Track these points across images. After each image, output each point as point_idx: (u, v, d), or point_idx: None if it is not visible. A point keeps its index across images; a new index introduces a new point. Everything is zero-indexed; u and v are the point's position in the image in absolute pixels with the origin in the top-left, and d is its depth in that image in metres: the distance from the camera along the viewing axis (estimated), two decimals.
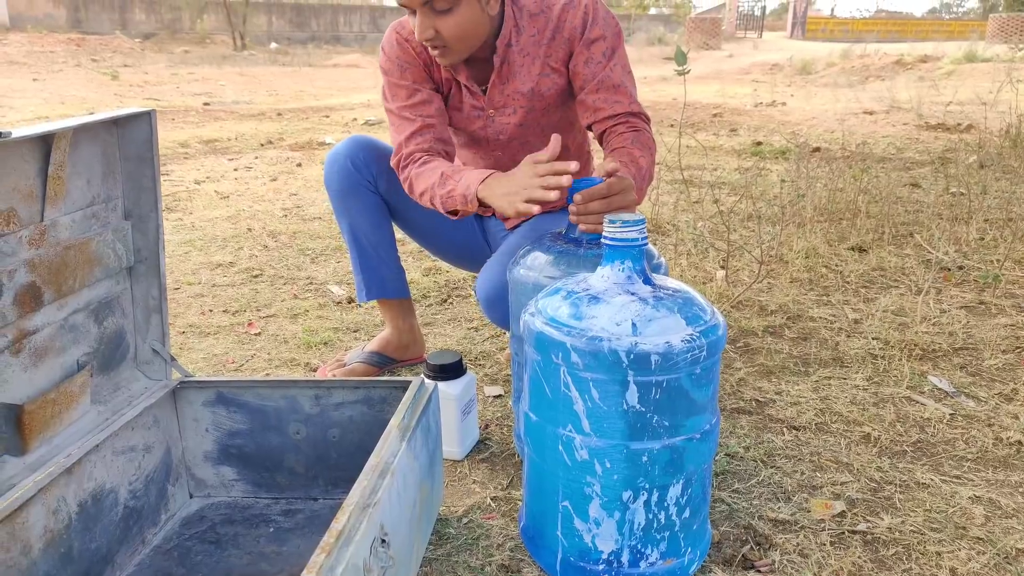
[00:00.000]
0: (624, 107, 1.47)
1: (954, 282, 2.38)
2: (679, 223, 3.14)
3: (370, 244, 1.71)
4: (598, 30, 1.47)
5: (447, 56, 1.43)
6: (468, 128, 1.61)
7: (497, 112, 1.56)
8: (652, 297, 1.02)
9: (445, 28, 1.37)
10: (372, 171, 1.66)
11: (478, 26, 1.41)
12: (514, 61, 1.50)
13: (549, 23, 1.49)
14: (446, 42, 1.39)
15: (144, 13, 23.39)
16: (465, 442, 1.46)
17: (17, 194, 0.96)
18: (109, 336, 1.18)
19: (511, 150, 1.62)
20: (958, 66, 12.21)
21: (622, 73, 1.48)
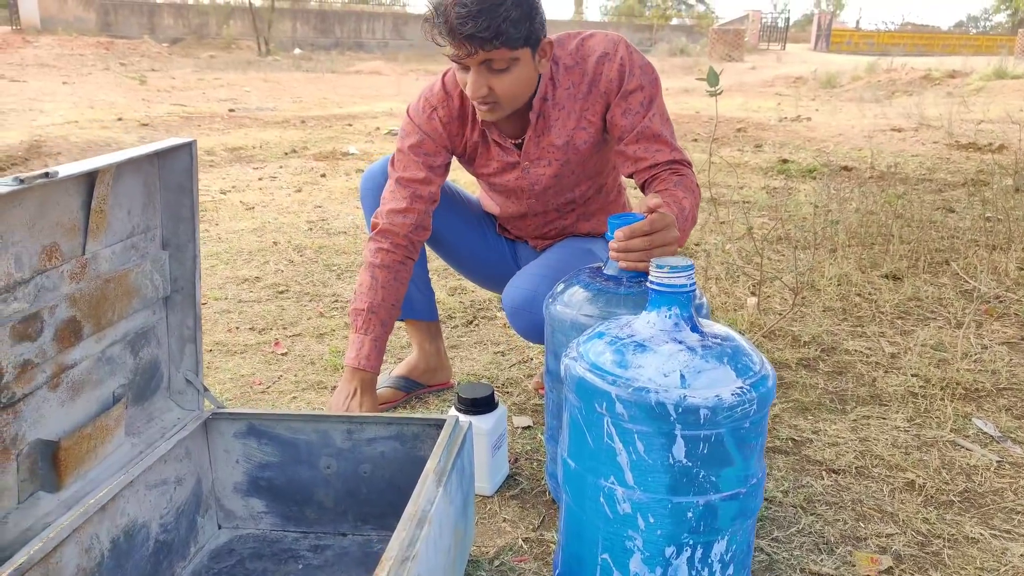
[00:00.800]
0: (666, 155, 1.45)
1: (995, 316, 2.33)
2: (707, 245, 3.11)
3: None
4: (635, 81, 1.45)
5: (495, 112, 1.42)
6: (500, 181, 1.60)
7: (532, 164, 1.55)
8: (700, 346, 0.99)
9: (499, 86, 1.36)
10: None
11: (530, 84, 1.41)
12: (550, 115, 1.49)
13: (585, 76, 1.47)
14: (498, 99, 1.38)
15: (172, 18, 23.66)
16: (495, 477, 1.44)
17: (60, 229, 0.95)
18: (144, 367, 1.17)
19: (545, 198, 1.61)
20: (988, 82, 12.07)
21: (661, 122, 1.46)
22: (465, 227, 1.74)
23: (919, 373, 1.92)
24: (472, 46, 1.29)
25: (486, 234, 1.77)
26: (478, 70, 1.34)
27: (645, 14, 35.02)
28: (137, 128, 6.66)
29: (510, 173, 1.57)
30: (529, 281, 1.48)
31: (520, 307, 1.48)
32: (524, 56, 1.36)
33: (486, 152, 1.57)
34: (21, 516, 0.94)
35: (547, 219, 1.68)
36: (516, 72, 1.36)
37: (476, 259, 1.78)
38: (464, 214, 1.75)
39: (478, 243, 1.76)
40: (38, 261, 0.91)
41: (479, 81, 1.35)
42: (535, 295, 1.46)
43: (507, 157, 1.55)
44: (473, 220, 1.76)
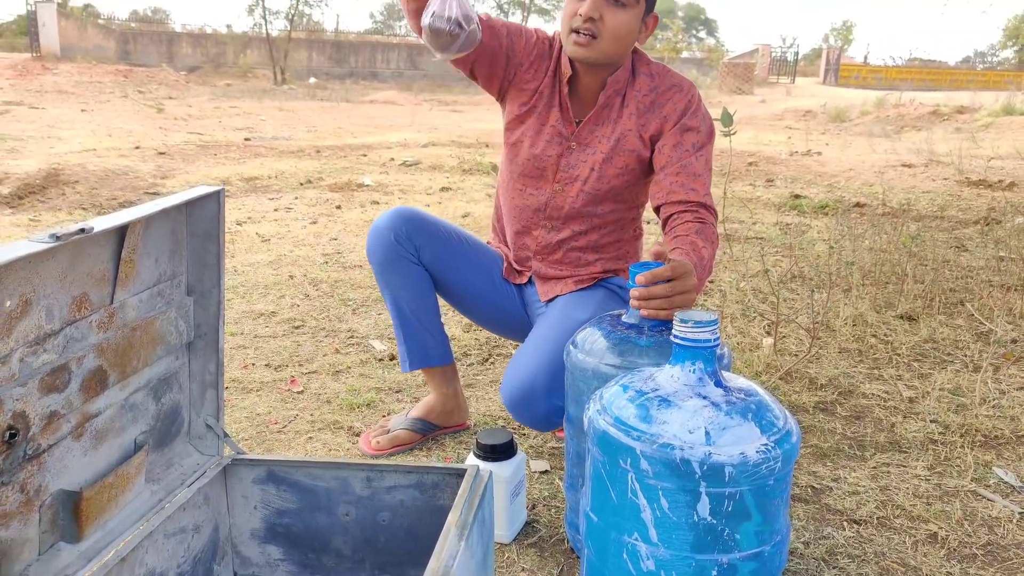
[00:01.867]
0: (698, 196, 1.47)
1: (1012, 360, 2.31)
2: (722, 283, 3.11)
3: (413, 314, 1.69)
4: (696, 122, 1.52)
5: (591, 48, 1.47)
6: (543, 152, 1.60)
7: (580, 147, 1.58)
8: (725, 402, 0.99)
9: (611, 20, 1.44)
10: (415, 243, 1.64)
11: (629, 40, 1.48)
12: (614, 106, 1.55)
13: (655, 91, 1.55)
14: (601, 32, 1.45)
15: (190, 47, 24.03)
16: (513, 525, 1.43)
17: (91, 279, 0.96)
18: (166, 412, 1.17)
19: (570, 191, 1.61)
20: (996, 118, 12.10)
21: (704, 167, 1.51)
22: (473, 273, 1.73)
23: (938, 419, 1.90)
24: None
25: (494, 280, 1.76)
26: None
27: (656, 47, 35.36)
28: (154, 156, 6.74)
29: (554, 147, 1.59)
30: (524, 375, 1.46)
31: (519, 403, 1.48)
32: (639, 7, 1.46)
33: (545, 113, 1.60)
34: (42, 568, 0.93)
35: (559, 233, 1.66)
36: (627, 16, 1.45)
37: (485, 304, 1.76)
38: (472, 260, 1.73)
39: (486, 288, 1.74)
40: (68, 312, 0.92)
41: (595, 4, 1.43)
42: (533, 390, 1.45)
43: (562, 127, 1.59)
44: (481, 266, 1.74)
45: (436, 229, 1.68)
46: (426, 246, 1.65)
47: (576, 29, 1.45)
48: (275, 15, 24.02)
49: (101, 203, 4.67)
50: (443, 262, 1.66)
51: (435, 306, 1.72)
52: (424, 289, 1.67)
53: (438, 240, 1.67)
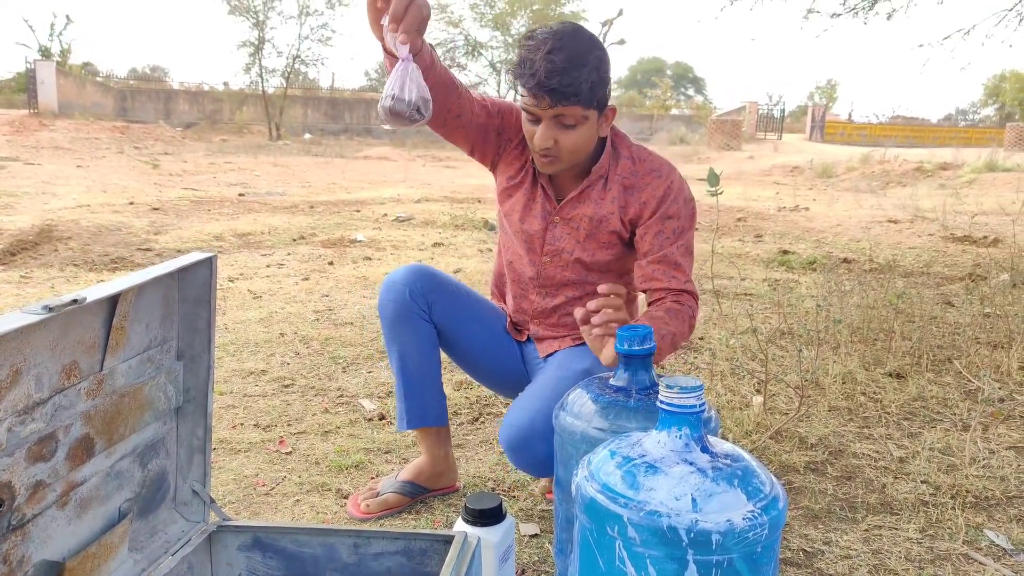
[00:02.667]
0: (679, 284, 1.51)
1: (1000, 419, 2.32)
2: (712, 340, 3.12)
3: (416, 372, 1.70)
4: (676, 208, 1.54)
5: (554, 165, 1.51)
6: (530, 227, 1.65)
7: (563, 222, 1.62)
8: (711, 468, 0.99)
9: (565, 141, 1.46)
10: (427, 300, 1.68)
11: (590, 144, 1.51)
12: (597, 187, 1.58)
13: (635, 175, 1.57)
14: (560, 153, 1.48)
15: (187, 104, 24.37)
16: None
17: (81, 347, 0.96)
18: (152, 479, 1.17)
19: (558, 263, 1.65)
20: (979, 175, 12.33)
21: (683, 254, 1.54)
22: (479, 329, 1.76)
23: (928, 479, 1.90)
24: (552, 99, 1.40)
25: (498, 335, 1.79)
26: (548, 123, 1.45)
27: (646, 104, 36.08)
28: (148, 212, 6.79)
29: (539, 221, 1.63)
30: (524, 419, 1.48)
31: (518, 448, 1.49)
32: (592, 117, 1.47)
33: (531, 190, 1.64)
34: None
35: (553, 299, 1.69)
36: (582, 130, 1.47)
37: (487, 360, 1.79)
38: (479, 316, 1.77)
39: (490, 345, 1.78)
40: (57, 380, 0.93)
41: (547, 133, 1.45)
42: (532, 433, 1.46)
43: (545, 203, 1.63)
44: (487, 322, 1.78)
45: (447, 286, 1.73)
46: (438, 303, 1.69)
47: (537, 151, 1.50)
48: (271, 73, 24.50)
49: (93, 259, 4.68)
50: (453, 318, 1.70)
51: (438, 365, 1.74)
52: (430, 348, 1.70)
53: (449, 296, 1.71)
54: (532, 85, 1.41)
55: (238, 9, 23.83)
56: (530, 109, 1.46)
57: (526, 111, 1.48)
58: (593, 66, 1.42)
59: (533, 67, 1.40)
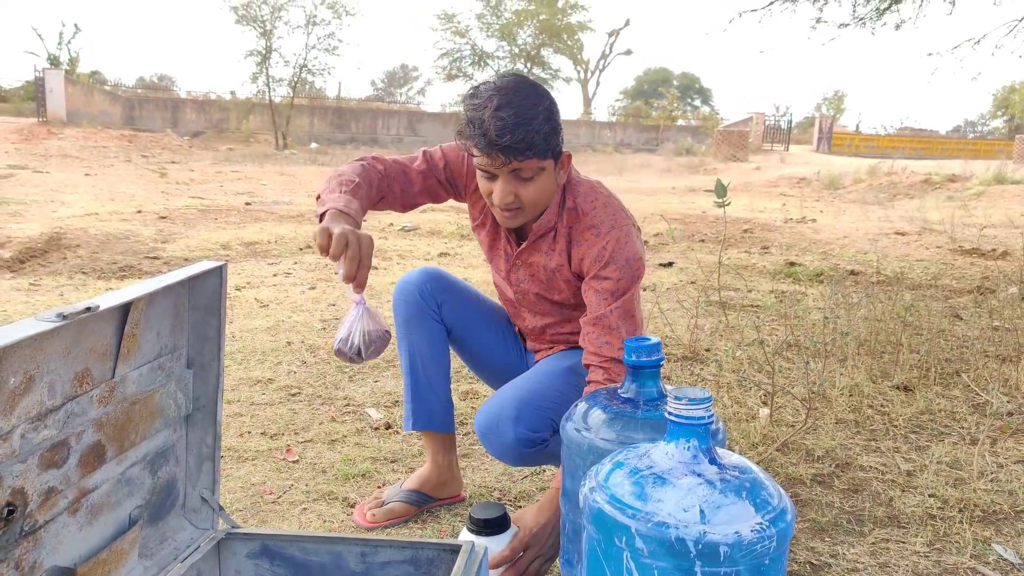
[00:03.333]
0: (612, 352, 1.45)
1: (1009, 432, 2.31)
2: (718, 352, 3.12)
3: (425, 373, 1.73)
4: (611, 271, 1.49)
5: (517, 218, 1.50)
6: (497, 266, 1.71)
7: (523, 265, 1.65)
8: (719, 480, 0.99)
9: (526, 194, 1.46)
10: (438, 300, 1.72)
11: (551, 192, 1.51)
12: (546, 240, 1.58)
13: (575, 229, 1.55)
14: (523, 205, 1.47)
15: (195, 113, 24.51)
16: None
17: (93, 354, 0.97)
18: (161, 486, 1.17)
19: (529, 297, 1.69)
20: (988, 187, 12.30)
21: (621, 317, 1.48)
22: (488, 332, 1.81)
23: (936, 493, 1.89)
24: (506, 157, 1.39)
25: (505, 337, 1.84)
26: (506, 179, 1.44)
27: (652, 115, 36.15)
28: (155, 220, 6.82)
29: (504, 262, 1.67)
30: (495, 404, 1.52)
31: (485, 432, 1.53)
32: (549, 166, 1.46)
33: (494, 231, 1.67)
34: None
35: (543, 319, 1.72)
36: (540, 181, 1.46)
37: (495, 363, 1.83)
38: (489, 320, 1.82)
39: (499, 348, 1.82)
40: (70, 387, 0.94)
41: (507, 189, 1.44)
42: (499, 420, 1.49)
43: (507, 246, 1.66)
44: (499, 327, 1.83)
45: (457, 288, 1.77)
46: (447, 303, 1.73)
47: (498, 207, 1.48)
48: (278, 83, 24.60)
49: (102, 267, 4.71)
50: (462, 318, 1.75)
51: (447, 370, 1.76)
52: (440, 349, 1.73)
53: (459, 298, 1.76)
54: (484, 145, 1.38)
55: (246, 19, 23.97)
56: (485, 168, 1.44)
57: (481, 170, 1.45)
58: (543, 117, 1.40)
59: (483, 127, 1.37)
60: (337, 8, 25.19)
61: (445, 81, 31.45)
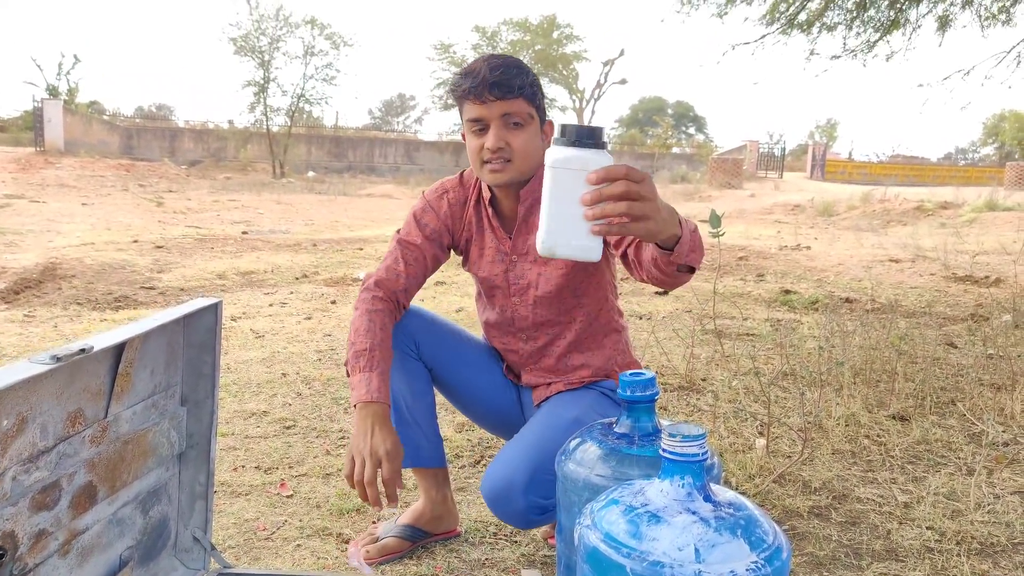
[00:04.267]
0: None
1: (1005, 463, 2.31)
2: (714, 381, 3.12)
3: (408, 411, 1.70)
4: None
5: (506, 171, 1.53)
6: (490, 273, 1.68)
7: (520, 258, 1.64)
8: (714, 517, 0.99)
9: (516, 142, 1.51)
10: (416, 340, 1.68)
11: (537, 152, 1.56)
12: (536, 213, 1.58)
13: None
14: (512, 154, 1.52)
15: (192, 142, 24.62)
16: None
17: (86, 394, 0.97)
18: (153, 526, 1.17)
19: (527, 300, 1.66)
20: (979, 214, 12.38)
21: None
22: (472, 372, 1.76)
23: (933, 525, 1.89)
24: (498, 93, 1.47)
25: (494, 378, 1.79)
26: (497, 124, 1.50)
27: (647, 143, 36.45)
28: (152, 250, 6.83)
29: (498, 265, 1.66)
30: (505, 470, 1.47)
31: (497, 499, 1.48)
32: (535, 122, 1.55)
33: (480, 239, 1.67)
34: None
35: (536, 342, 1.69)
36: (528, 131, 1.53)
37: (482, 403, 1.79)
38: (472, 358, 1.77)
39: (485, 388, 1.77)
40: (62, 428, 0.93)
41: (498, 134, 1.51)
42: (511, 487, 1.45)
43: (499, 244, 1.66)
44: (482, 364, 1.78)
45: (437, 326, 1.73)
46: (426, 343, 1.69)
47: (487, 160, 1.53)
48: (276, 112, 24.80)
49: (97, 298, 4.70)
50: (443, 359, 1.71)
51: (432, 406, 1.73)
52: (422, 387, 1.70)
53: (439, 337, 1.72)
54: (477, 84, 1.48)
55: (244, 49, 24.22)
56: (477, 116, 1.51)
57: (473, 121, 1.52)
58: (529, 73, 1.53)
59: (477, 71, 1.49)
60: (335, 39, 25.48)
61: (442, 110, 31.79)
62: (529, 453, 1.48)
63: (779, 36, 6.28)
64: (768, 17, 6.26)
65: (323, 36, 25.28)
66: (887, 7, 6.18)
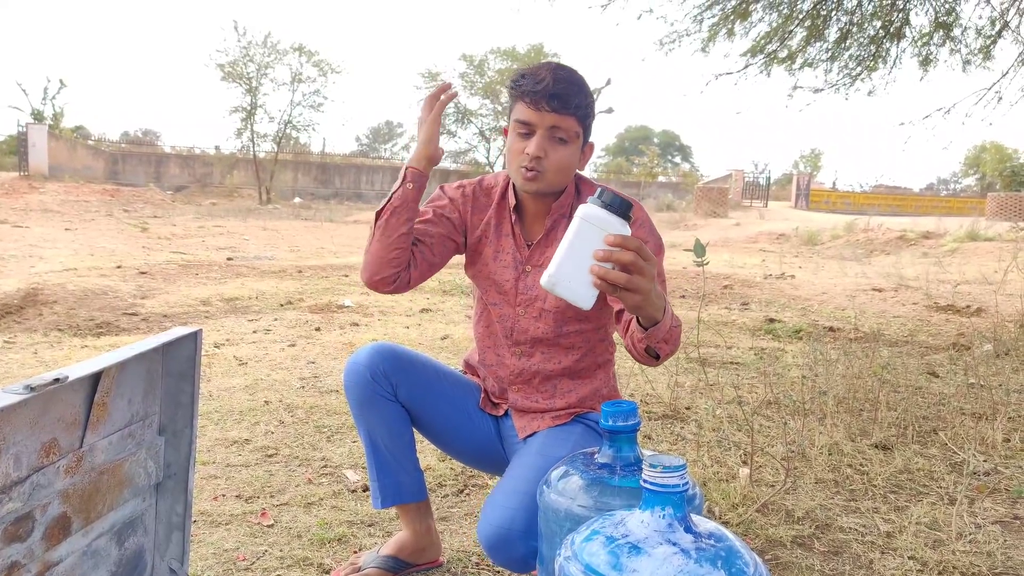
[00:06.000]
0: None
1: (986, 492, 2.32)
2: (698, 410, 3.12)
3: (388, 450, 1.68)
4: (644, 233, 1.56)
5: (537, 181, 1.54)
6: (500, 277, 1.66)
7: (534, 269, 1.64)
8: (695, 549, 0.99)
9: (555, 156, 1.53)
10: (392, 381, 1.64)
11: (571, 169, 1.57)
12: (560, 228, 1.61)
13: None
14: (547, 167, 1.53)
15: (178, 168, 24.60)
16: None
17: (61, 424, 0.96)
18: (128, 557, 1.15)
19: (532, 310, 1.64)
20: (961, 244, 12.54)
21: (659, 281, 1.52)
22: (450, 408, 1.72)
23: (916, 555, 1.89)
24: (554, 105, 1.49)
25: (470, 413, 1.74)
26: (543, 134, 1.51)
27: (633, 171, 36.76)
28: (135, 276, 6.79)
29: (511, 271, 1.65)
30: (503, 517, 1.44)
31: (497, 546, 1.44)
32: (578, 141, 1.56)
33: (496, 241, 1.66)
34: None
35: (530, 359, 1.66)
36: (570, 149, 1.54)
37: (461, 440, 1.74)
38: (448, 394, 1.73)
39: (463, 423, 1.73)
40: (36, 459, 0.92)
41: (541, 144, 1.52)
42: (511, 532, 1.42)
43: (515, 252, 1.65)
44: (457, 399, 1.74)
45: (413, 366, 1.68)
46: (403, 383, 1.65)
47: (524, 166, 1.54)
48: (263, 138, 24.84)
49: (78, 324, 4.66)
50: (420, 399, 1.66)
51: (411, 442, 1.71)
52: (400, 426, 1.67)
53: (415, 377, 1.67)
54: (538, 90, 1.48)
55: (231, 75, 24.31)
56: (527, 119, 1.51)
57: (521, 123, 1.52)
58: (589, 94, 1.55)
59: (540, 78, 1.49)
60: (323, 66, 25.63)
61: None
62: (524, 498, 1.44)
63: (761, 68, 6.39)
64: (750, 50, 6.37)
65: (311, 63, 25.43)
66: (868, 43, 6.30)
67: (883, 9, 6.05)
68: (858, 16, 6.18)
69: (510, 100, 1.58)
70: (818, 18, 6.12)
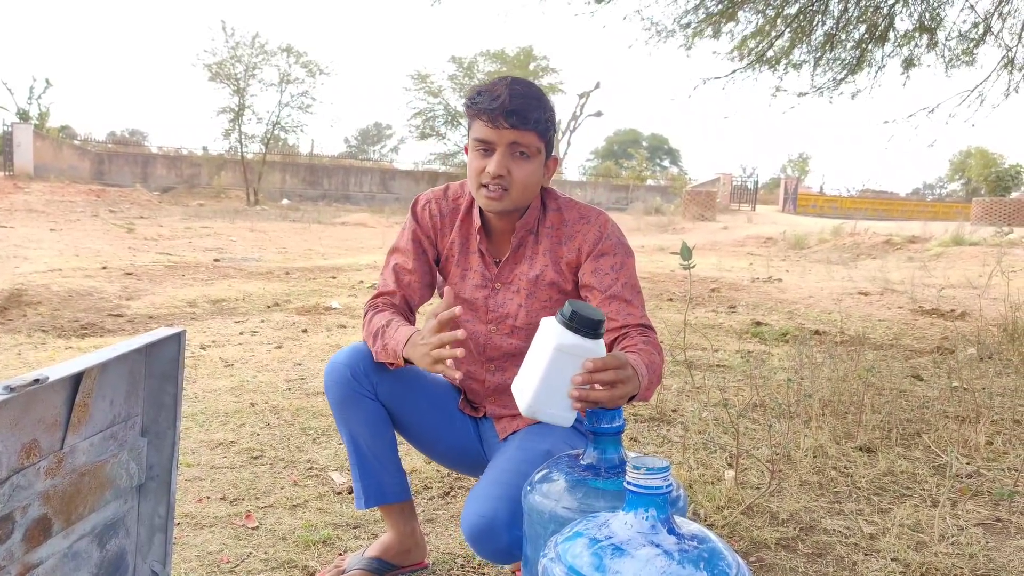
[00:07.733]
0: (636, 319, 1.53)
1: (968, 494, 2.34)
2: (684, 412, 3.13)
3: (370, 451, 1.67)
4: (609, 245, 1.58)
5: (502, 200, 1.53)
6: (469, 295, 1.67)
7: (503, 287, 1.64)
8: (677, 550, 0.99)
9: (518, 173, 1.51)
10: (372, 380, 1.63)
11: (536, 185, 1.56)
12: (528, 245, 1.62)
13: (565, 226, 1.61)
14: (511, 184, 1.51)
15: (165, 168, 24.46)
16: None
17: (41, 425, 0.95)
18: (110, 559, 1.14)
19: (503, 329, 1.65)
20: (946, 248, 12.63)
21: (630, 290, 1.56)
22: (430, 409, 1.71)
23: (898, 557, 1.90)
24: (513, 122, 1.47)
25: (451, 414, 1.74)
26: (503, 151, 1.50)
27: (622, 175, 36.87)
28: (121, 277, 6.74)
29: (480, 290, 1.65)
30: (485, 507, 1.43)
31: (479, 538, 1.44)
32: (540, 156, 1.54)
33: (464, 260, 1.66)
34: None
35: (504, 374, 1.66)
36: (532, 165, 1.52)
37: (441, 442, 1.74)
38: (429, 395, 1.72)
39: (443, 425, 1.73)
40: (16, 460, 0.92)
41: (502, 161, 1.50)
42: (493, 524, 1.41)
43: (485, 270, 1.65)
44: (438, 400, 1.73)
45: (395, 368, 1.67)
46: (383, 382, 1.64)
47: (485, 184, 1.52)
48: (251, 139, 24.73)
49: (63, 325, 4.63)
50: (399, 399, 1.66)
51: (393, 442, 1.70)
52: (381, 426, 1.66)
53: (394, 375, 1.66)
54: (495, 107, 1.46)
55: (219, 76, 24.19)
56: (485, 137, 1.50)
57: (480, 141, 1.51)
58: (548, 107, 1.53)
59: (496, 94, 1.47)
60: (311, 67, 25.55)
61: (418, 140, 31.81)
62: (507, 490, 1.43)
63: (748, 71, 6.42)
64: (736, 53, 6.40)
65: (299, 64, 25.34)
66: (852, 47, 6.34)
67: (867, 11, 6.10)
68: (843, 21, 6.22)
69: (468, 119, 1.56)
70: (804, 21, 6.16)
